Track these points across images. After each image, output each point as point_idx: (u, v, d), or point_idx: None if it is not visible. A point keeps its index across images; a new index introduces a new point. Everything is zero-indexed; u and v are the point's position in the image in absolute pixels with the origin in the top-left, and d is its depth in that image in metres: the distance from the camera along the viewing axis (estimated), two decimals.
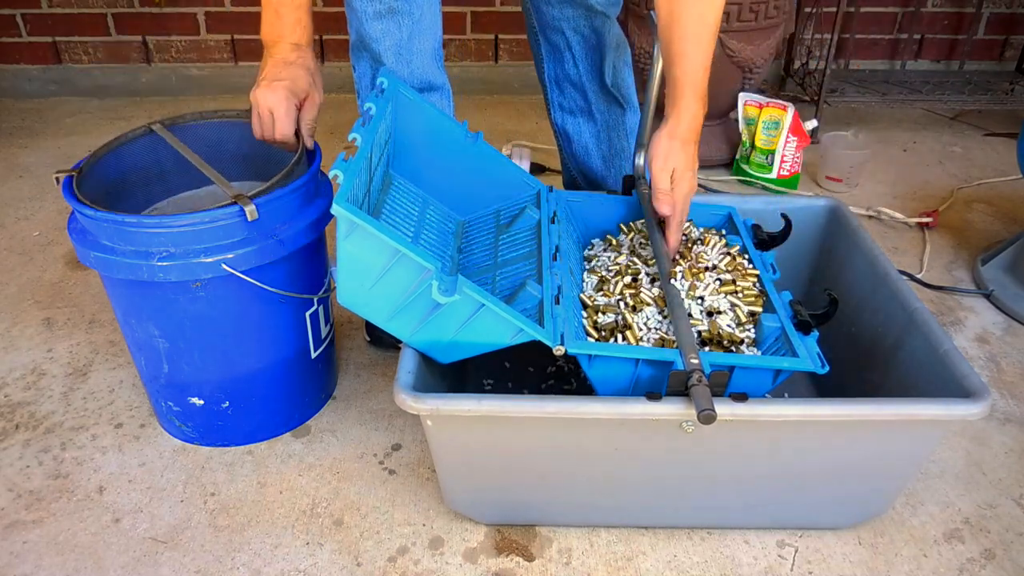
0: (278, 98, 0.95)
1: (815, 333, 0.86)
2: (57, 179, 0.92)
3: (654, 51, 1.08)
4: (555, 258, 0.93)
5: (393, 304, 0.81)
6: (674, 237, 0.98)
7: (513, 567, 0.90)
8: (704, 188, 1.73)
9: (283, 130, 0.96)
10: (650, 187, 0.99)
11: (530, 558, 0.91)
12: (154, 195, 1.09)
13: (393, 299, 0.81)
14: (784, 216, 1.03)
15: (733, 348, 0.87)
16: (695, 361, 0.78)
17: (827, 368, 0.81)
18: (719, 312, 0.91)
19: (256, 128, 0.98)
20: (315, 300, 1.04)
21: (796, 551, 0.92)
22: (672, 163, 0.96)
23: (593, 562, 0.90)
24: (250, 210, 0.88)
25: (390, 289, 0.80)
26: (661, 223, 0.99)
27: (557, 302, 0.86)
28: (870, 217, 1.64)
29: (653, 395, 0.77)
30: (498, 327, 0.81)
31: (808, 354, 0.83)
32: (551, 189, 1.08)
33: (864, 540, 0.93)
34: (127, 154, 1.04)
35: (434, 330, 0.82)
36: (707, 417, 0.73)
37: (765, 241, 1.03)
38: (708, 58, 0.94)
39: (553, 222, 1.01)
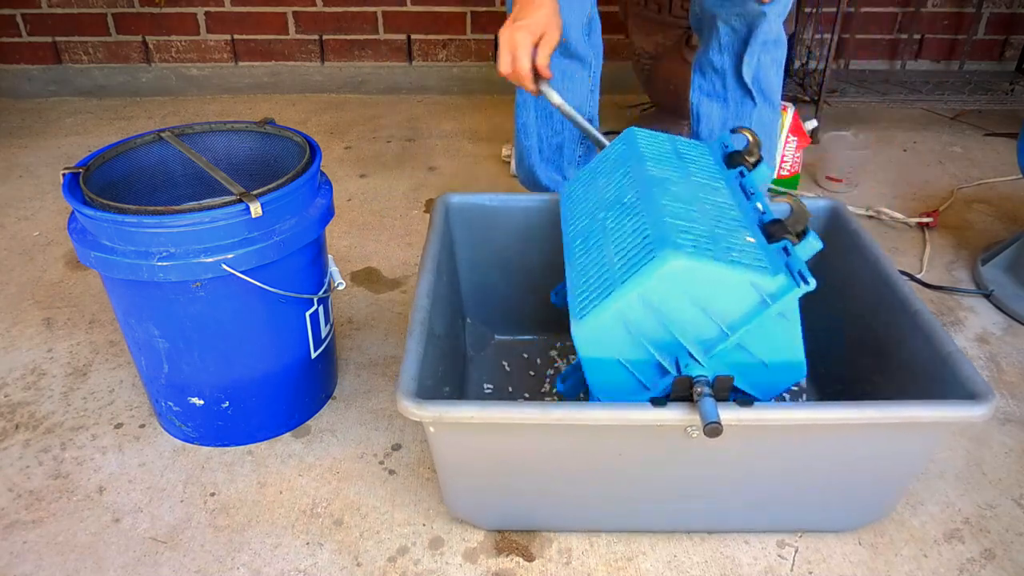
0: (518, 38, 1.08)
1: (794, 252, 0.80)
2: (64, 175, 0.93)
3: None
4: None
5: None
6: None
7: (513, 567, 0.90)
8: None
9: (520, 66, 1.09)
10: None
11: (530, 558, 0.91)
12: (159, 203, 1.09)
13: None
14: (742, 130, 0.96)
15: None
16: (701, 373, 0.78)
17: (813, 283, 0.76)
18: None
19: (501, 64, 1.10)
20: (315, 300, 1.04)
21: (796, 551, 0.92)
22: None
23: (593, 562, 0.90)
24: (255, 207, 0.88)
25: None
26: None
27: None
28: (870, 217, 1.64)
29: (658, 400, 0.77)
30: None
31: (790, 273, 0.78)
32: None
33: (864, 540, 0.93)
34: (134, 159, 1.04)
35: None
36: (713, 431, 0.73)
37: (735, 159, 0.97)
38: None
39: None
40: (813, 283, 0.75)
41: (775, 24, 1.23)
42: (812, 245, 0.80)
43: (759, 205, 0.87)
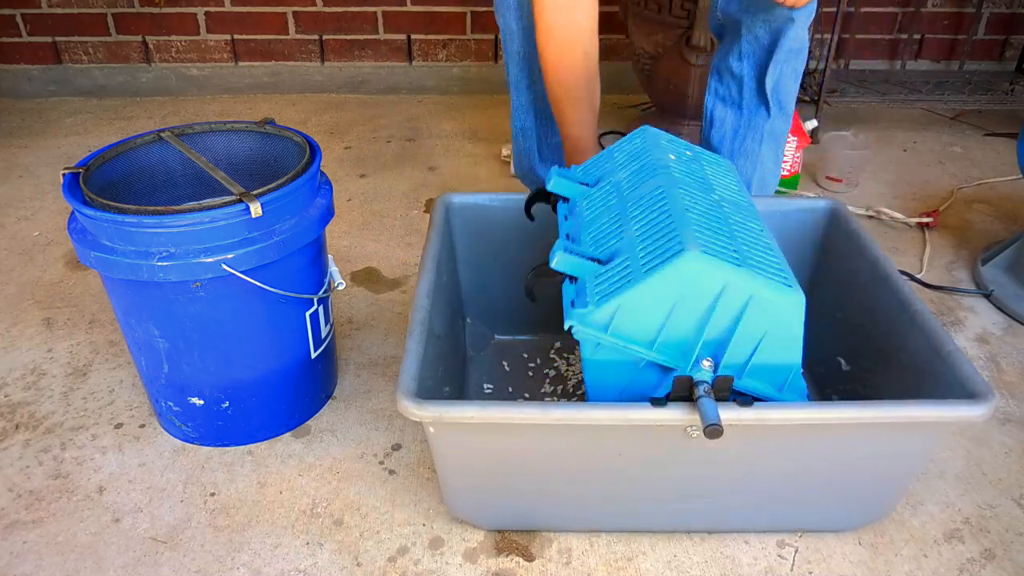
0: None
1: None
2: (64, 175, 0.93)
3: None
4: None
5: None
6: None
7: (513, 567, 0.90)
8: None
9: None
10: None
11: (530, 558, 0.91)
12: (159, 203, 1.09)
13: None
14: None
15: None
16: (702, 371, 0.78)
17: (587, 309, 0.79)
18: None
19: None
20: (315, 300, 1.04)
21: (796, 551, 0.92)
22: None
23: (593, 562, 0.90)
24: (255, 207, 0.88)
25: None
26: None
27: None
28: (870, 217, 1.64)
29: (658, 400, 0.77)
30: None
31: None
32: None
33: (864, 540, 0.93)
34: (134, 159, 1.04)
35: None
36: (713, 432, 0.73)
37: None
38: None
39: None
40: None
41: (801, 30, 1.22)
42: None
43: None
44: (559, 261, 0.84)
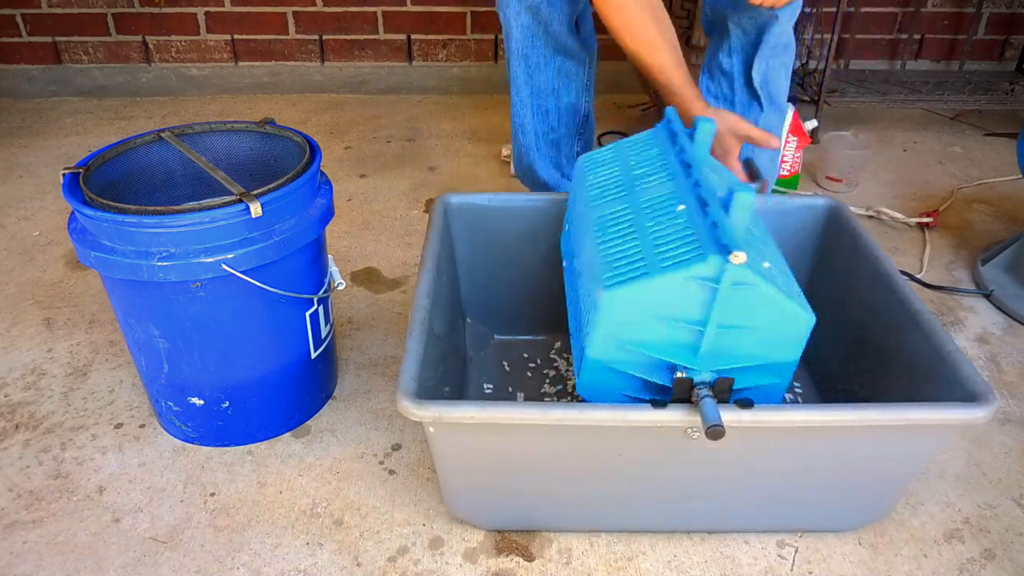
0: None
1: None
2: (64, 175, 0.93)
3: None
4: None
5: None
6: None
7: (513, 567, 0.90)
8: None
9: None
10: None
11: (530, 558, 0.91)
12: (159, 203, 1.09)
13: None
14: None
15: None
16: (701, 376, 0.78)
17: (743, 257, 0.74)
18: None
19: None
20: (315, 300, 1.04)
21: (796, 551, 0.92)
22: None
23: (593, 562, 0.90)
24: (255, 207, 0.88)
25: None
26: None
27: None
28: (870, 217, 1.64)
29: (658, 402, 0.77)
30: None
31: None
32: None
33: (864, 540, 0.93)
34: (134, 159, 1.04)
35: None
36: (715, 433, 0.72)
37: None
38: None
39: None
40: (743, 256, 0.72)
41: (786, 27, 1.23)
42: (741, 208, 0.75)
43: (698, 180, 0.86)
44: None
